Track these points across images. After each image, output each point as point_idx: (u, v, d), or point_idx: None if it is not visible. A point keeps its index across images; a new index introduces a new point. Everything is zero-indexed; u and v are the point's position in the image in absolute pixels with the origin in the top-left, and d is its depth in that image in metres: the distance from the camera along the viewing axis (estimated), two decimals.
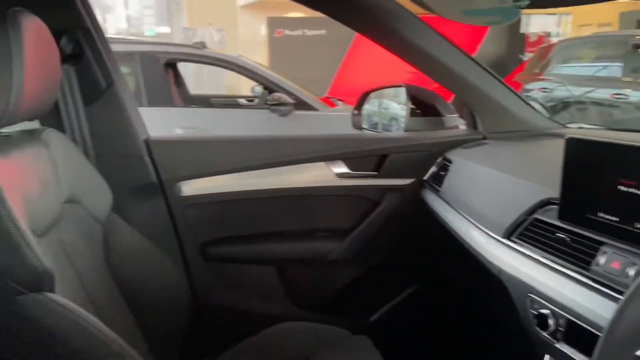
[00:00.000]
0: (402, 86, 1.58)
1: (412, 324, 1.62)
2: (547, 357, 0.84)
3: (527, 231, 0.93)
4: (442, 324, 1.57)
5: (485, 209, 1.11)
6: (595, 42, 5.89)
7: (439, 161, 1.46)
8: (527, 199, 0.97)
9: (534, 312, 0.84)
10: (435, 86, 1.52)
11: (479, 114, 1.48)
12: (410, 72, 1.47)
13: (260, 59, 7.87)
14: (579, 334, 0.74)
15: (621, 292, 0.69)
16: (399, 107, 1.66)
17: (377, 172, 1.51)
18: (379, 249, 1.57)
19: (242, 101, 4.45)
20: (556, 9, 8.20)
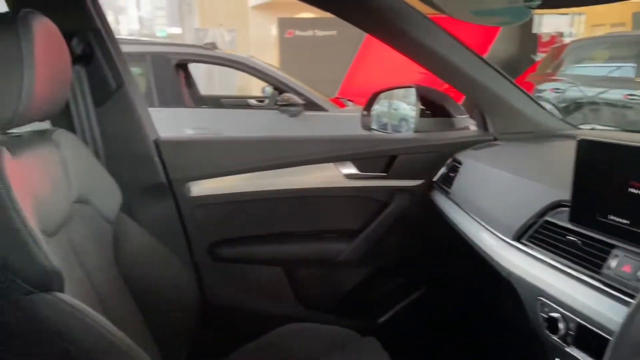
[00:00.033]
0: (412, 87, 1.57)
1: (420, 326, 1.61)
2: None
3: (538, 234, 0.92)
4: (451, 327, 1.56)
5: (495, 211, 1.10)
6: (608, 43, 5.83)
7: (448, 162, 1.45)
8: (537, 201, 0.96)
9: (544, 315, 0.83)
10: (445, 87, 1.51)
11: (490, 114, 1.47)
12: (420, 73, 1.46)
13: (270, 59, 7.88)
14: (589, 338, 0.73)
15: (632, 296, 0.68)
16: (408, 107, 1.66)
17: (386, 173, 1.50)
18: (387, 251, 1.56)
19: (253, 102, 4.46)
20: (569, 9, 8.13)
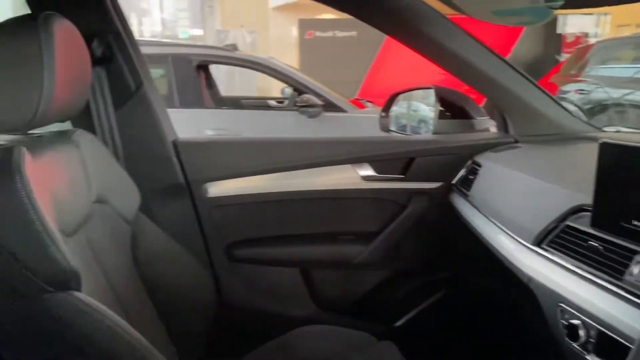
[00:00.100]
0: (431, 88, 1.56)
1: (438, 331, 1.59)
2: None
3: (559, 238, 0.90)
4: (468, 332, 1.54)
5: (515, 215, 1.08)
6: (634, 43, 5.69)
7: (468, 165, 1.43)
8: (558, 205, 0.94)
9: (564, 322, 0.81)
10: (466, 88, 1.49)
11: (511, 116, 1.45)
12: (441, 74, 1.44)
13: (291, 60, 7.91)
14: (610, 346, 0.71)
15: None
16: (427, 109, 1.64)
17: (404, 175, 1.49)
18: (405, 254, 1.55)
19: (272, 103, 4.48)
20: (594, 9, 7.98)
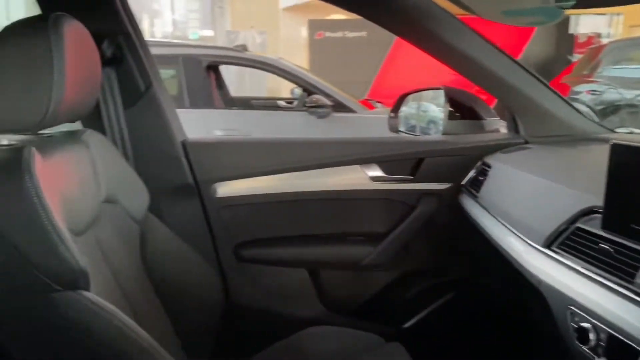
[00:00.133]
0: (440, 88, 1.55)
1: (447, 333, 1.58)
2: None
3: (569, 241, 0.89)
4: (478, 334, 1.53)
5: (525, 217, 1.07)
6: None
7: (477, 166, 1.42)
8: (569, 206, 0.92)
9: (574, 325, 0.80)
10: (476, 89, 1.48)
11: (521, 117, 1.44)
12: (452, 75, 1.43)
13: (301, 61, 7.91)
14: (620, 350, 0.70)
15: None
16: (437, 109, 1.63)
17: (413, 176, 1.48)
18: (414, 255, 1.54)
19: (282, 103, 4.48)
20: (606, 9, 7.90)
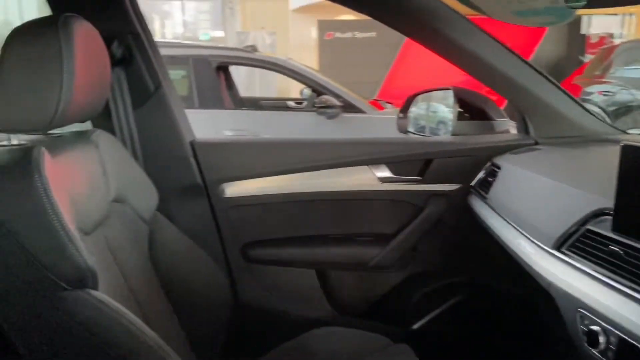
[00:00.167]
0: (449, 89, 1.54)
1: (455, 335, 1.57)
2: None
3: (579, 243, 0.88)
4: (486, 336, 1.52)
5: (534, 218, 1.06)
6: None
7: (487, 167, 1.41)
8: (579, 208, 0.91)
9: (584, 328, 0.79)
10: (487, 89, 1.47)
11: (531, 118, 1.42)
12: (463, 75, 1.42)
13: (310, 61, 7.91)
14: (631, 353, 0.69)
15: None
16: (446, 110, 1.62)
17: (421, 177, 1.48)
18: (422, 256, 1.54)
19: (291, 104, 4.49)
20: (618, 9, 7.83)
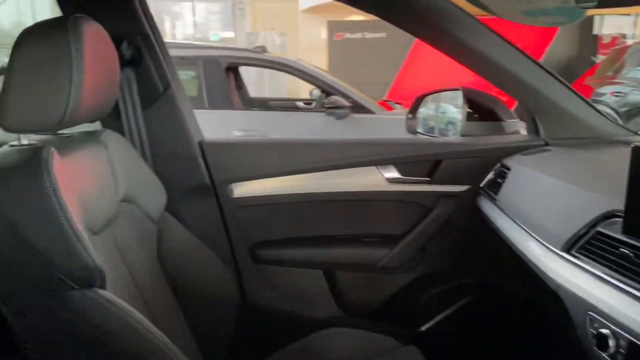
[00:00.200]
0: (458, 89, 1.53)
1: (464, 337, 1.56)
2: None
3: (589, 245, 0.87)
4: (495, 338, 1.51)
5: (544, 220, 1.05)
6: None
7: (496, 168, 1.40)
8: (589, 210, 0.91)
9: (593, 331, 0.78)
10: (498, 90, 1.46)
11: (541, 119, 1.41)
12: (473, 76, 1.41)
13: (320, 62, 7.92)
14: None
15: None
16: (456, 110, 1.62)
17: (430, 178, 1.47)
18: (431, 257, 1.53)
19: (300, 104, 4.49)
20: (631, 9, 7.75)
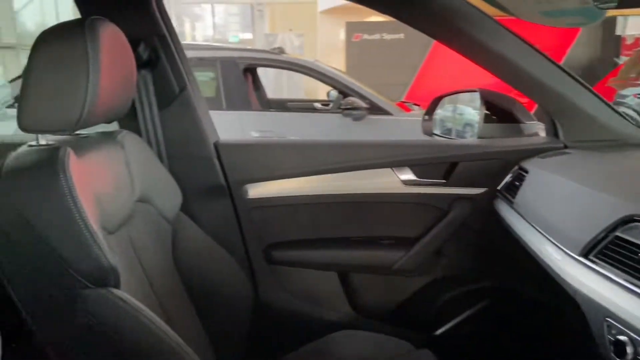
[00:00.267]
0: (476, 91, 1.52)
1: (479, 341, 1.54)
2: None
3: (607, 250, 0.85)
4: (511, 343, 1.49)
5: (562, 224, 1.03)
6: None
7: (514, 170, 1.38)
8: (608, 214, 0.89)
9: (610, 338, 0.77)
10: (517, 92, 1.44)
11: (561, 121, 1.39)
12: (493, 77, 1.40)
13: (338, 63, 7.91)
14: None
15: None
16: (473, 112, 1.60)
17: (446, 180, 1.45)
18: (446, 261, 1.51)
19: (318, 105, 4.50)
20: None
